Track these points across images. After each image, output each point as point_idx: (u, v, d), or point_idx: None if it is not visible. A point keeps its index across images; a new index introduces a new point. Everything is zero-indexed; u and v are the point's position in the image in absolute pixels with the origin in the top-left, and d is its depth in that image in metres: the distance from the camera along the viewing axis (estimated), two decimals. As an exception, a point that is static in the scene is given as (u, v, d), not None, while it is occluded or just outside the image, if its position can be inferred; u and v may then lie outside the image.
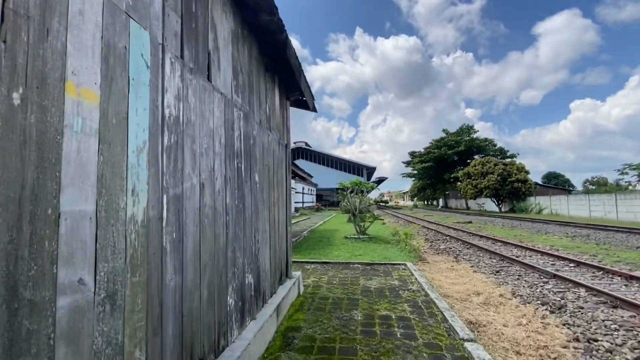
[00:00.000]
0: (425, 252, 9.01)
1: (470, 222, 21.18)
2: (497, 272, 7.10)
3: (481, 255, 9.07)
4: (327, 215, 29.95)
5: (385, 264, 7.30)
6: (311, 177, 14.84)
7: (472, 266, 7.66)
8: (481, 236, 13.05)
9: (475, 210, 40.69)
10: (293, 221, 22.08)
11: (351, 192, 12.76)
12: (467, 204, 45.82)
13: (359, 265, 7.18)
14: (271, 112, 4.10)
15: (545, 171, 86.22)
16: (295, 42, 4.44)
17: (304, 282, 5.69)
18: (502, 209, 36.04)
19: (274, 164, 4.18)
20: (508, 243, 10.95)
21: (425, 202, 70.55)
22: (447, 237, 13.03)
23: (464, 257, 8.84)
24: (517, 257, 8.46)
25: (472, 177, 37.40)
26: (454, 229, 16.63)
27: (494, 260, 8.28)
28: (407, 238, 9.37)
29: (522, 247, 9.95)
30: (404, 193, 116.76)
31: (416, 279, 5.89)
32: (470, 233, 14.25)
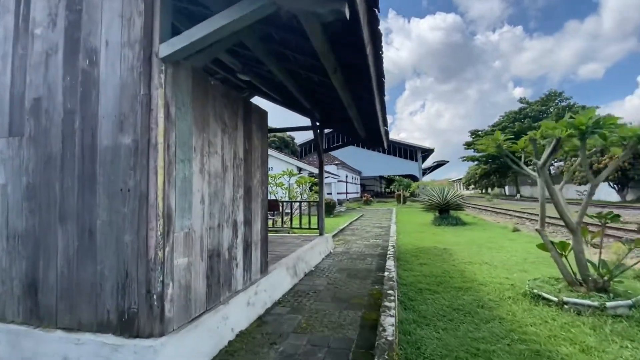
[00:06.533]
0: None
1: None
2: None
3: None
4: (384, 210, 21.53)
5: None
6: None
7: None
8: None
9: (577, 199, 30.13)
10: (342, 224, 11.63)
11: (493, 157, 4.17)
12: (556, 192, 35.04)
13: None
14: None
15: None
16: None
17: None
18: (627, 198, 25.60)
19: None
20: None
21: (482, 191, 59.86)
22: None
23: None
24: None
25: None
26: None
27: None
28: None
29: None
30: (452, 181, 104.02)
31: None
32: None
